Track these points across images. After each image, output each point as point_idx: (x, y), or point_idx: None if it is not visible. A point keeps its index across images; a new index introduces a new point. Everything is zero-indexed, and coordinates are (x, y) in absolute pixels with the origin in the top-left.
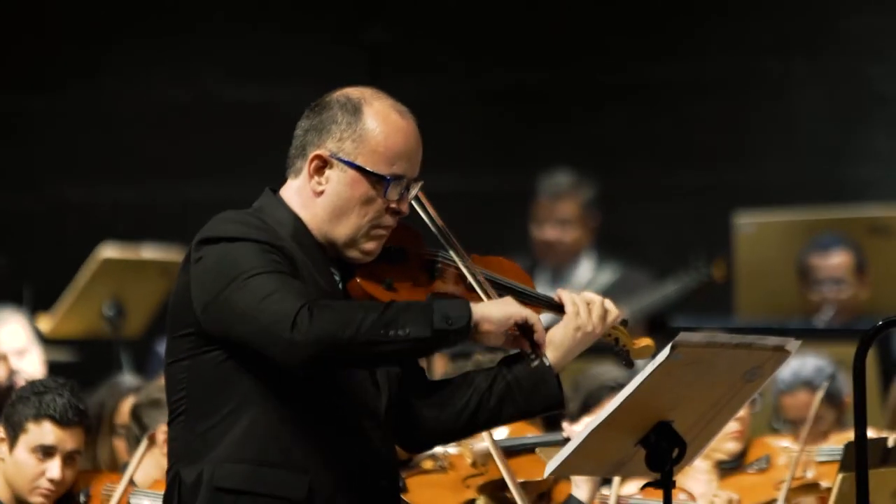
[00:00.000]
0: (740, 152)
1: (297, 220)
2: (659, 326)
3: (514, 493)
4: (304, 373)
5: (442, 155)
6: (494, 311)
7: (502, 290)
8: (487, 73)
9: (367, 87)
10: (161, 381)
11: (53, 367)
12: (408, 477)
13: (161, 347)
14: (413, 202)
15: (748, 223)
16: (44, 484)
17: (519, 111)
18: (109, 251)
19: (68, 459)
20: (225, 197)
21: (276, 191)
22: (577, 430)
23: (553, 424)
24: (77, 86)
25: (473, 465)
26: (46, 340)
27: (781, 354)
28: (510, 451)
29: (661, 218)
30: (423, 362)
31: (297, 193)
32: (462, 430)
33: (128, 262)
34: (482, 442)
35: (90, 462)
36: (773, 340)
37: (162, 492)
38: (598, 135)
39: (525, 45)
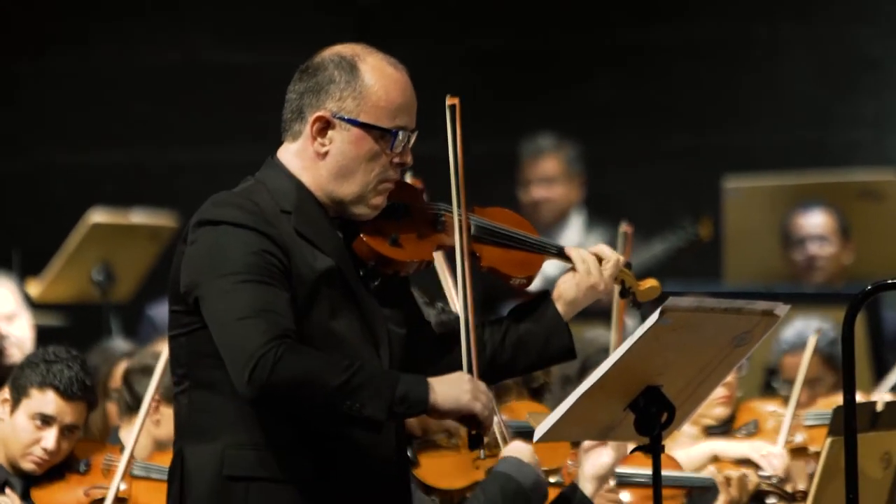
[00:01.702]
0: (729, 116)
1: (299, 186)
2: None
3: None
4: (253, 406)
5: (431, 119)
6: (447, 402)
7: (506, 239)
8: (476, 37)
9: (356, 44)
10: (153, 348)
11: (42, 332)
12: (420, 451)
13: (153, 312)
14: (447, 109)
15: (737, 187)
16: (37, 452)
17: (508, 75)
18: (99, 216)
19: (66, 431)
20: (213, 160)
21: (274, 157)
22: None
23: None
24: (65, 49)
25: (486, 446)
26: (36, 305)
27: (770, 319)
28: (525, 436)
29: (651, 181)
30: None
31: (298, 157)
32: (510, 370)
33: (117, 227)
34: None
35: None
36: (761, 305)
37: (160, 465)
38: (588, 98)
39: (513, 10)
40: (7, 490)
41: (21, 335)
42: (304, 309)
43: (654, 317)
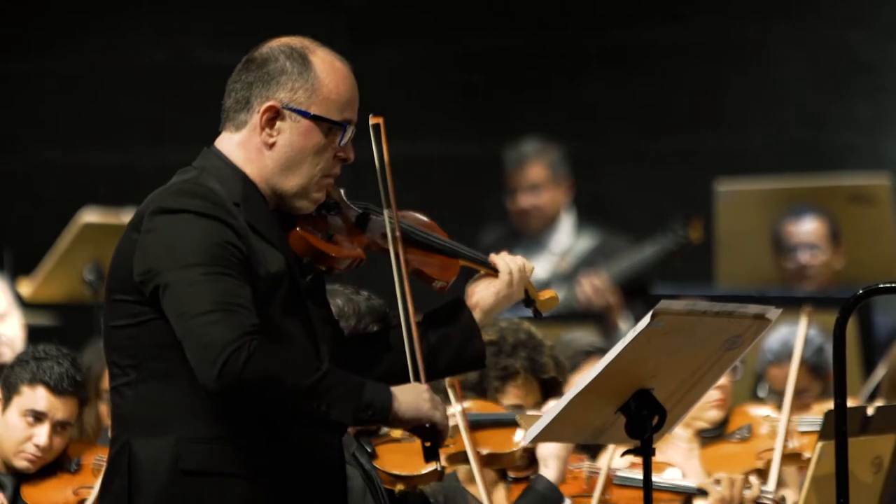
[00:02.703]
0: (720, 118)
1: (244, 178)
2: (638, 291)
3: (473, 465)
4: (218, 400)
5: (420, 120)
6: (409, 411)
7: (426, 242)
8: (466, 37)
9: (302, 37)
10: None
11: (34, 332)
12: (378, 444)
13: None
14: (371, 128)
15: (729, 190)
16: (30, 449)
17: (498, 76)
18: (90, 216)
19: (58, 427)
20: None
21: (210, 147)
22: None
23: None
24: (57, 49)
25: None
26: (27, 304)
27: (762, 323)
28: (483, 424)
29: (641, 183)
30: None
31: (241, 147)
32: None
33: (109, 227)
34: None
35: (76, 426)
36: (753, 309)
37: None
38: (578, 99)
39: (504, 10)
40: None
41: (12, 335)
42: (260, 306)
43: (646, 320)
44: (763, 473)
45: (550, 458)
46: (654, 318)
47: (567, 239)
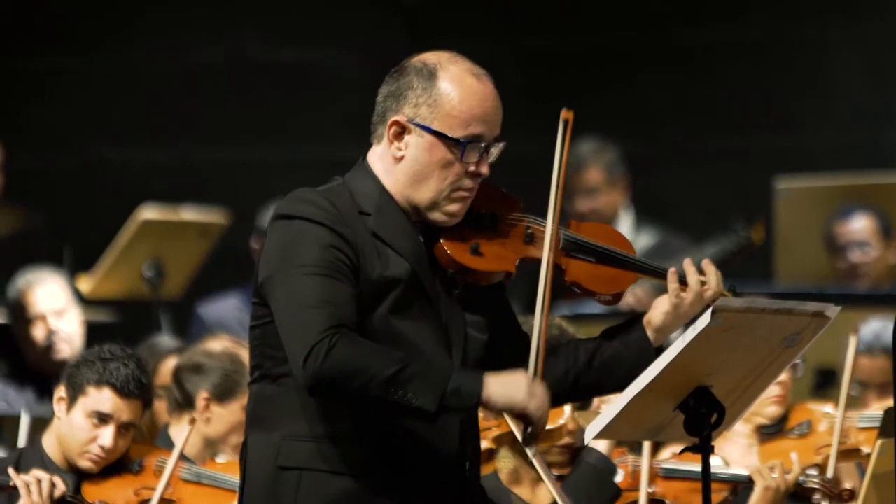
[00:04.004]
0: (779, 117)
1: (382, 189)
2: None
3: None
4: (310, 396)
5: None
6: (501, 398)
7: (595, 254)
8: (524, 37)
9: (445, 52)
10: (203, 346)
11: (93, 328)
12: None
13: (203, 310)
14: (560, 121)
15: (788, 188)
16: (94, 450)
17: (556, 75)
18: (149, 212)
19: (122, 429)
20: (260, 158)
21: (365, 158)
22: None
23: None
24: (113, 46)
25: (485, 418)
26: (86, 301)
27: (821, 320)
28: None
29: (699, 182)
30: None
31: (380, 160)
32: (558, 399)
33: (167, 224)
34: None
35: None
36: (812, 306)
37: (211, 471)
38: (638, 99)
39: (562, 10)
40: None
41: (70, 331)
42: (370, 308)
43: (706, 317)
44: (821, 469)
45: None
46: (714, 315)
47: (626, 236)
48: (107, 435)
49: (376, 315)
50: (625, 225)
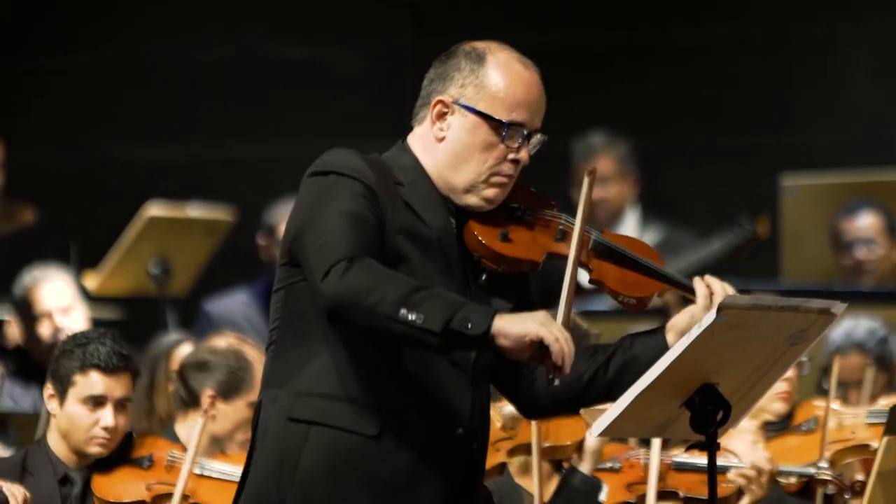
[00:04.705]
0: (785, 114)
1: (418, 165)
2: None
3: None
4: (329, 321)
5: None
6: (513, 327)
7: (623, 260)
8: (529, 34)
9: (494, 41)
10: (208, 343)
11: (98, 325)
12: None
13: (209, 307)
14: (586, 177)
15: (794, 185)
16: (99, 433)
17: (563, 72)
18: (155, 209)
19: (119, 406)
20: (268, 154)
21: (404, 140)
22: None
23: None
24: (119, 44)
25: (503, 428)
26: (92, 298)
27: (827, 317)
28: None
29: (706, 180)
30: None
31: (421, 140)
32: (575, 402)
33: (174, 221)
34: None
35: (145, 415)
36: (818, 303)
37: (224, 464)
38: (645, 96)
39: (569, 7)
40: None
41: (76, 328)
42: (390, 261)
43: (711, 314)
44: (832, 464)
45: (591, 454)
46: (720, 312)
47: (633, 232)
48: (107, 415)
49: (395, 268)
50: (631, 220)
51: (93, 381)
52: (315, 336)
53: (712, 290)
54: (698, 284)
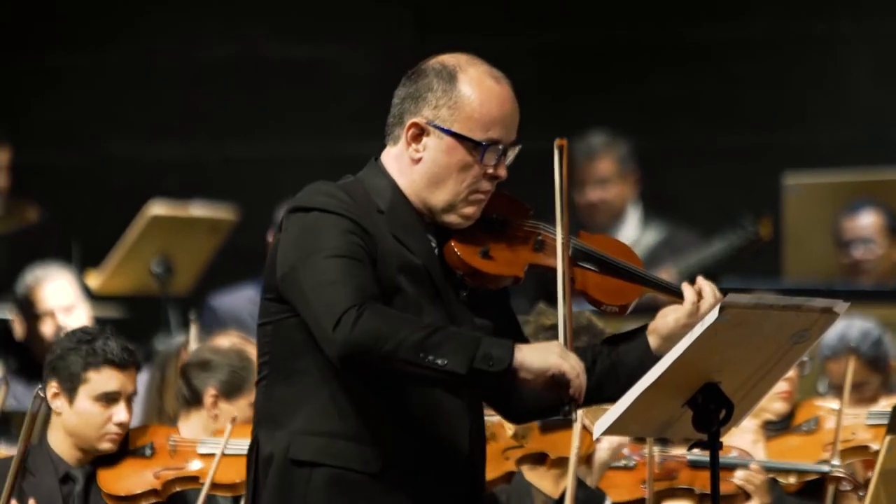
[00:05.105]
0: (788, 113)
1: (395, 187)
2: None
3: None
4: (341, 368)
5: None
6: (535, 360)
7: (603, 265)
8: (532, 33)
9: (463, 54)
10: (212, 343)
11: (101, 324)
12: None
13: (216, 302)
14: (555, 149)
15: (796, 184)
16: (112, 429)
17: (565, 71)
18: (158, 208)
19: (128, 401)
20: (270, 153)
21: (378, 158)
22: None
23: None
24: (123, 42)
25: (514, 436)
26: (95, 297)
27: (829, 316)
28: (552, 425)
29: (709, 179)
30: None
31: (396, 160)
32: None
33: (176, 220)
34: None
35: (156, 413)
36: (820, 302)
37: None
38: (647, 95)
39: (572, 6)
40: None
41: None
42: (385, 294)
43: (714, 313)
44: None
45: (599, 467)
46: (722, 311)
47: (634, 233)
48: (121, 411)
49: (390, 305)
50: (632, 220)
51: (107, 378)
52: (310, 373)
53: (702, 295)
54: (687, 289)
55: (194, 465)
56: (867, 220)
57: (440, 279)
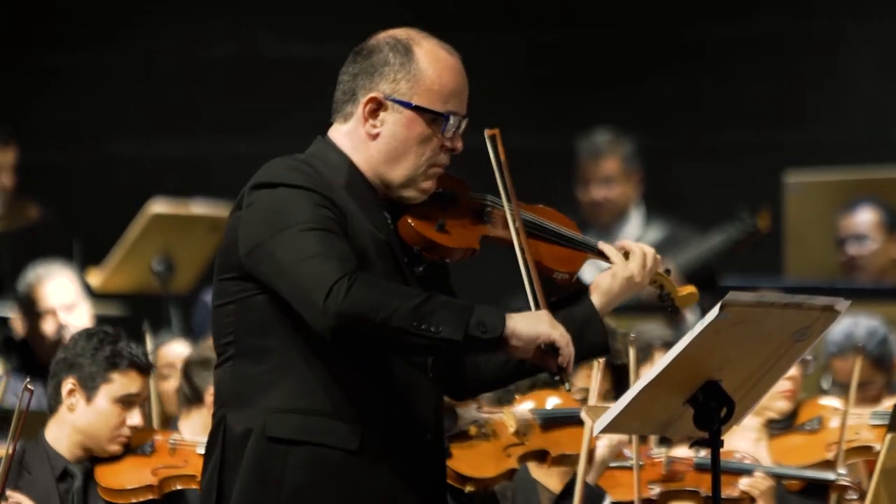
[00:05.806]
0: (789, 111)
1: (350, 163)
2: (707, 283)
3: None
4: (331, 340)
5: (487, 112)
6: (526, 328)
7: (550, 234)
8: (536, 31)
9: (410, 28)
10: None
11: (102, 322)
12: (452, 443)
13: (208, 297)
14: (487, 140)
15: (797, 182)
16: (125, 432)
17: (567, 69)
18: (159, 207)
19: (141, 405)
20: (272, 151)
21: (324, 136)
22: None
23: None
24: (124, 40)
25: (516, 433)
26: (96, 295)
27: (831, 314)
28: (555, 421)
29: (710, 177)
30: None
31: (348, 137)
32: (508, 378)
33: (177, 218)
34: (524, 406)
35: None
36: (822, 300)
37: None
38: (649, 93)
39: (574, 3)
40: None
41: (80, 325)
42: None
43: (715, 311)
44: (832, 464)
45: (599, 464)
46: (723, 309)
47: (636, 231)
48: (136, 415)
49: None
50: (635, 219)
51: (131, 381)
52: (281, 351)
53: (627, 249)
54: (606, 247)
55: (193, 464)
56: (863, 217)
57: (399, 253)
